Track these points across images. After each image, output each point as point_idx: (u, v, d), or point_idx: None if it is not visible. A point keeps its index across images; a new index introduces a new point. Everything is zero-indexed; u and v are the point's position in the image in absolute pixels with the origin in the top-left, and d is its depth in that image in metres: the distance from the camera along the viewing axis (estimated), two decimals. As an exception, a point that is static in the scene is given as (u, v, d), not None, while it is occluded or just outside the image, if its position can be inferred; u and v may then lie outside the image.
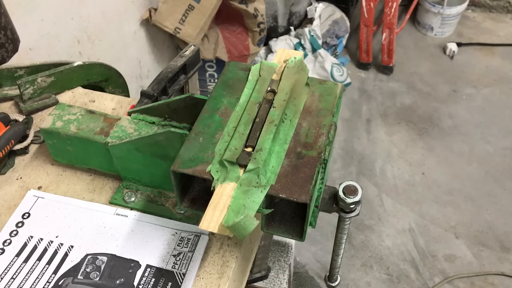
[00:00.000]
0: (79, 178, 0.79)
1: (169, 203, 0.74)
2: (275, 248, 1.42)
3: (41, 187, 0.78)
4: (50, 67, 0.90)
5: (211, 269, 0.67)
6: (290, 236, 0.63)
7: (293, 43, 2.35)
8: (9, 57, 0.80)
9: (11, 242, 0.70)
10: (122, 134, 0.72)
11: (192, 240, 0.70)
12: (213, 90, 0.70)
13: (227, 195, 0.58)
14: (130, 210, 0.74)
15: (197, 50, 0.92)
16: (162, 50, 2.11)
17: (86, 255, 0.69)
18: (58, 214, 0.73)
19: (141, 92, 0.82)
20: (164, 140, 0.68)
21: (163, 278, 0.66)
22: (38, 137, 0.84)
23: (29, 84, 0.86)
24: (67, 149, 0.76)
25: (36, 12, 1.26)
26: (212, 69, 2.15)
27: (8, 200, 0.76)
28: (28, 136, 0.83)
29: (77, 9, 1.46)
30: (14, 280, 0.66)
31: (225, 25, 2.06)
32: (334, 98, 0.69)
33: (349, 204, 0.62)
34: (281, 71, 0.71)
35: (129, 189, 0.76)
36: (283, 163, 0.60)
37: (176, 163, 0.60)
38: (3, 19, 0.77)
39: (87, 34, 1.52)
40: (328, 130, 0.64)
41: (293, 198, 0.57)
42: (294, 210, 0.64)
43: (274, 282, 1.36)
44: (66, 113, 0.76)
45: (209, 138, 0.63)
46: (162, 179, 0.74)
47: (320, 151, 0.62)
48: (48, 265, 0.68)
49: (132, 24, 1.83)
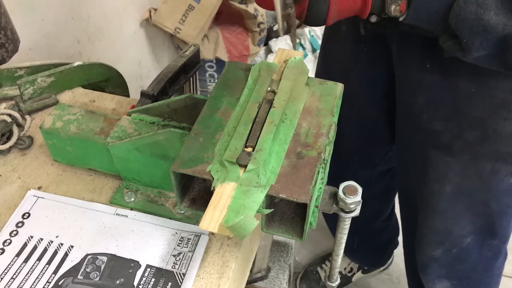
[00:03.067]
0: (79, 178, 0.79)
1: (169, 203, 0.74)
2: (275, 248, 1.42)
3: (41, 187, 0.78)
4: (50, 67, 0.90)
5: (211, 269, 0.67)
6: (290, 236, 0.63)
7: (293, 43, 2.35)
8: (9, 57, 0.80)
9: (11, 242, 0.70)
10: (122, 134, 0.72)
11: (192, 240, 0.70)
12: (213, 90, 0.70)
13: (227, 195, 0.58)
14: (130, 210, 0.74)
15: (197, 50, 0.92)
16: (162, 50, 2.11)
17: (86, 255, 0.69)
18: (58, 214, 0.73)
19: (141, 92, 0.82)
20: (164, 140, 0.68)
21: (163, 278, 0.66)
22: (23, 142, 0.83)
23: (29, 84, 0.86)
24: (67, 149, 0.76)
25: (36, 12, 1.25)
26: (212, 69, 2.15)
27: (8, 200, 0.76)
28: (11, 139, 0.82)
29: (77, 9, 1.46)
30: (14, 280, 0.66)
31: (225, 25, 2.06)
32: (334, 98, 0.69)
33: (349, 204, 0.62)
34: (281, 71, 0.71)
35: (129, 189, 0.76)
36: (283, 163, 0.60)
37: (176, 163, 0.60)
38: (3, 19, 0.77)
39: (87, 34, 1.52)
40: (328, 130, 0.64)
41: (293, 198, 0.57)
42: (294, 210, 0.64)
43: (274, 282, 1.36)
44: (66, 113, 0.76)
45: (209, 138, 0.63)
46: (162, 179, 0.74)
47: (320, 151, 0.62)
48: (48, 265, 0.68)
49: (132, 24, 1.83)
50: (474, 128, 0.87)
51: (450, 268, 1.10)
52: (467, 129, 0.87)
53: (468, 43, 0.67)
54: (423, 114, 0.91)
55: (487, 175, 0.92)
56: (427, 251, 1.08)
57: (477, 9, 0.64)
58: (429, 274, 1.12)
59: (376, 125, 1.17)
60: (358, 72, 1.06)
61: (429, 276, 1.12)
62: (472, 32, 0.66)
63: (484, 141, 0.88)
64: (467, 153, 0.90)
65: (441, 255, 1.07)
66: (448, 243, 1.04)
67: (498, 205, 0.97)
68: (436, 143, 0.92)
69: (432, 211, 1.01)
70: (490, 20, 0.64)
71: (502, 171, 0.91)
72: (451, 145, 0.91)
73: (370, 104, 1.12)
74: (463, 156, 0.91)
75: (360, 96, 1.10)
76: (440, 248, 1.06)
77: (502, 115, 0.84)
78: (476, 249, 1.05)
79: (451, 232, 1.02)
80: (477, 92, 0.83)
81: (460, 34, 0.67)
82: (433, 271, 1.11)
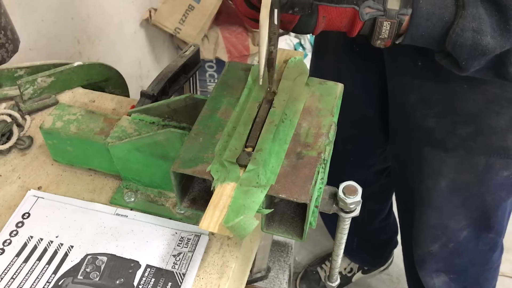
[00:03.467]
0: (79, 178, 0.79)
1: (169, 203, 0.74)
2: (275, 248, 1.42)
3: (41, 187, 0.78)
4: (50, 67, 0.90)
5: (211, 269, 0.67)
6: (290, 236, 0.63)
7: (293, 43, 2.35)
8: (9, 57, 0.80)
9: (11, 242, 0.70)
10: (122, 134, 0.72)
11: (192, 240, 0.70)
12: (213, 90, 0.70)
13: (227, 195, 0.58)
14: (130, 210, 0.74)
15: (197, 50, 0.92)
16: (162, 50, 2.11)
17: (86, 255, 0.69)
18: (58, 214, 0.73)
19: (141, 92, 0.82)
20: (164, 140, 0.68)
21: (163, 278, 0.66)
22: (23, 142, 0.83)
23: (29, 84, 0.86)
24: (67, 149, 0.76)
25: (36, 12, 1.25)
26: (212, 69, 2.15)
27: (8, 200, 0.76)
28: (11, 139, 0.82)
29: (77, 9, 1.46)
30: (14, 280, 0.66)
31: (225, 25, 2.06)
32: (334, 98, 0.69)
33: (349, 204, 0.62)
34: (281, 71, 0.71)
35: (129, 189, 0.76)
36: (283, 163, 0.60)
37: (176, 163, 0.60)
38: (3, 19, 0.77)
39: (87, 34, 1.52)
40: (328, 130, 0.64)
41: (293, 198, 0.57)
42: (294, 210, 0.64)
43: (274, 282, 1.36)
44: (66, 113, 0.76)
45: (209, 138, 0.63)
46: (162, 179, 0.74)
47: (320, 151, 0.62)
48: (48, 265, 0.68)
49: (132, 24, 1.83)
50: (467, 124, 0.88)
51: (447, 263, 1.11)
52: (461, 125, 0.88)
53: (467, 65, 0.68)
54: (416, 112, 0.92)
55: (481, 169, 0.92)
56: (424, 246, 1.09)
57: (474, 35, 0.64)
58: (426, 269, 1.13)
59: (370, 126, 1.17)
60: (351, 72, 1.06)
61: (427, 270, 1.13)
62: (471, 56, 0.67)
63: (478, 136, 0.88)
64: (461, 149, 0.91)
65: (438, 250, 1.08)
66: (444, 237, 1.05)
67: (492, 198, 0.97)
68: (430, 140, 0.93)
69: (427, 207, 1.02)
70: (487, 44, 0.65)
71: (496, 165, 0.91)
72: (445, 141, 0.91)
73: (364, 104, 1.12)
74: (457, 152, 0.91)
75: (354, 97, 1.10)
76: (437, 243, 1.07)
77: (495, 110, 0.85)
78: (472, 243, 1.06)
79: (447, 226, 1.03)
80: (469, 88, 0.84)
81: (458, 58, 0.68)
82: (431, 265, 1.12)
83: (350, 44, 1.01)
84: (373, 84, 1.07)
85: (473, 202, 0.98)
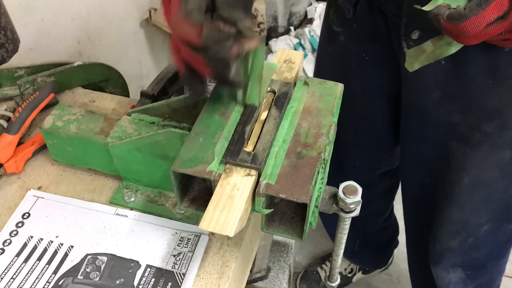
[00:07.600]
0: (79, 178, 0.79)
1: (169, 203, 0.74)
2: (275, 248, 1.42)
3: (41, 187, 0.78)
4: (50, 67, 0.90)
5: (211, 269, 0.67)
6: (290, 236, 0.63)
7: (293, 43, 2.35)
8: (9, 57, 0.80)
9: (11, 242, 0.70)
10: (122, 134, 0.72)
11: (192, 240, 0.70)
12: (213, 90, 0.70)
13: (227, 195, 0.58)
14: (130, 210, 0.74)
15: (197, 50, 0.91)
16: (162, 50, 2.11)
17: (86, 255, 0.69)
18: (58, 214, 0.73)
19: (141, 92, 0.82)
20: (164, 140, 0.68)
21: (163, 278, 0.66)
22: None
23: (29, 84, 0.86)
24: (67, 149, 0.76)
25: (36, 12, 1.25)
26: (212, 69, 2.14)
27: (8, 200, 0.76)
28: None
29: (77, 9, 1.46)
30: (14, 280, 0.66)
31: (225, 25, 2.06)
32: (334, 98, 0.69)
33: (349, 204, 0.62)
34: (281, 71, 0.71)
35: (129, 189, 0.76)
36: (283, 163, 0.60)
37: (176, 163, 0.60)
38: (3, 19, 0.77)
39: (87, 34, 1.52)
40: (328, 130, 0.64)
41: (293, 198, 0.57)
42: (294, 210, 0.64)
43: (274, 282, 1.36)
44: (66, 113, 0.76)
45: (209, 138, 0.63)
46: (162, 179, 0.74)
47: (320, 151, 0.62)
48: (48, 265, 0.68)
49: (132, 24, 1.83)
50: (492, 119, 0.87)
51: (465, 257, 1.10)
52: (485, 120, 0.88)
53: None
54: (440, 108, 0.91)
55: (506, 163, 0.92)
56: (443, 241, 1.08)
57: None
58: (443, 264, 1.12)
59: (377, 132, 1.16)
60: (361, 78, 1.05)
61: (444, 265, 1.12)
62: None
63: (503, 130, 0.88)
64: (485, 144, 0.90)
65: (457, 245, 1.07)
66: (465, 232, 1.05)
67: None
68: (455, 134, 0.92)
69: (450, 202, 1.01)
70: None
71: None
72: (469, 136, 0.91)
73: (372, 111, 1.12)
74: (481, 147, 0.91)
75: (361, 105, 1.10)
76: (457, 238, 1.06)
77: None
78: (492, 236, 1.06)
79: (468, 222, 1.02)
80: (493, 84, 0.83)
81: None
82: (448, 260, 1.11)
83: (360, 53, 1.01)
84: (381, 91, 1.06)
85: (496, 196, 0.98)
